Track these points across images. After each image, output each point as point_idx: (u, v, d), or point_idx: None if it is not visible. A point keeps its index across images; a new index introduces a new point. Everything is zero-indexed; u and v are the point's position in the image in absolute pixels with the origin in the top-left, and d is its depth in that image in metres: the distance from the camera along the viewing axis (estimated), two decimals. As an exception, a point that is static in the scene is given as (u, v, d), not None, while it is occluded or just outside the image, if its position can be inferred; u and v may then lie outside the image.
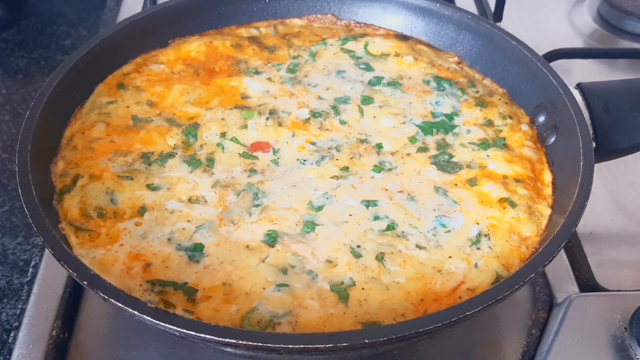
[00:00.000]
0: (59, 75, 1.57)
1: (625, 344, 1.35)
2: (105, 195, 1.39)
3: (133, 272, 1.26)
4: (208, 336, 1.06)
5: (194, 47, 1.77)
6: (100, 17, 2.14)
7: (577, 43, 2.18)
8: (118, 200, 1.39)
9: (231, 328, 1.12)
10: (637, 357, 1.35)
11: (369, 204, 1.40)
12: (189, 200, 1.40)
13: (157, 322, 1.09)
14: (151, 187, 1.41)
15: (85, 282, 1.15)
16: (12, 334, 1.33)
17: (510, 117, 1.61)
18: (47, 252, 1.50)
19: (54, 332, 1.32)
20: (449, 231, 1.36)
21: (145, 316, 1.10)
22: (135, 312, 1.10)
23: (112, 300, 1.12)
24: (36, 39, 2.01)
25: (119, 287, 1.21)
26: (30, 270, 1.47)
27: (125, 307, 1.11)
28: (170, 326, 1.08)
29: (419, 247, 1.33)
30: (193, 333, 1.06)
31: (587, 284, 1.58)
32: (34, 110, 1.46)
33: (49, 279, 1.44)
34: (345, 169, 1.47)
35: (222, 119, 1.57)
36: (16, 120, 1.81)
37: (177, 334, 1.09)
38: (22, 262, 1.52)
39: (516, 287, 1.16)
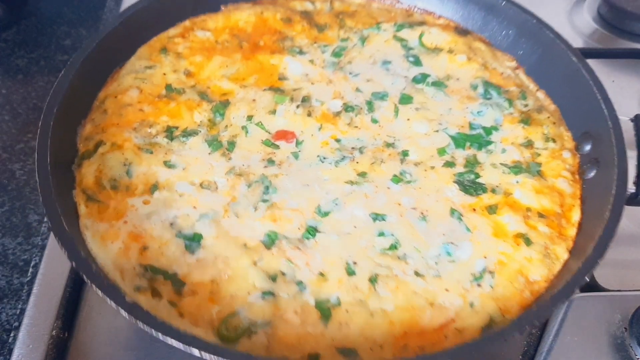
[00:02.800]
0: (108, 29, 1.58)
1: (625, 344, 1.32)
2: (122, 167, 1.41)
3: (130, 253, 1.29)
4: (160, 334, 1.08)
5: (244, 15, 1.73)
6: (101, 17, 2.12)
7: (577, 43, 2.08)
8: (133, 173, 1.40)
9: (188, 336, 1.11)
10: (637, 357, 1.31)
11: (377, 217, 1.36)
12: (201, 184, 1.40)
13: (132, 317, 1.12)
14: (168, 164, 1.42)
15: (73, 263, 1.18)
16: (12, 334, 1.33)
17: (554, 141, 1.50)
18: (47, 252, 1.48)
19: (54, 332, 1.32)
20: (453, 261, 1.31)
21: (122, 310, 1.12)
22: (113, 304, 1.13)
23: (95, 288, 1.15)
24: (36, 39, 2.00)
25: (110, 269, 1.25)
26: (30, 270, 1.47)
27: (105, 296, 1.14)
28: (142, 324, 1.11)
29: (417, 274, 1.28)
30: (156, 334, 1.09)
31: (587, 284, 1.49)
32: (73, 64, 1.49)
33: (49, 279, 1.43)
34: (363, 174, 1.43)
35: (254, 100, 1.55)
36: (16, 120, 1.80)
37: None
38: (22, 262, 1.52)
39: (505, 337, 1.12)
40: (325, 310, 1.22)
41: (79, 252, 1.20)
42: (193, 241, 1.31)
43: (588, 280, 1.19)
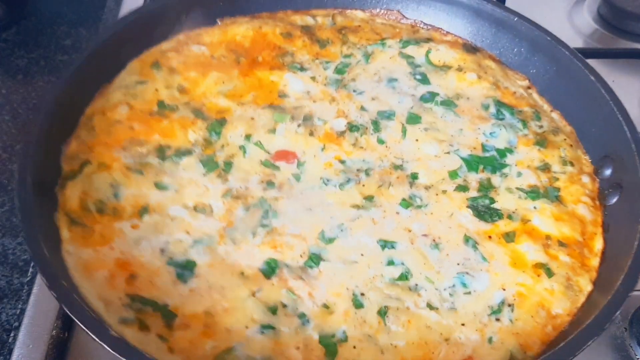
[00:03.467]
0: (97, 43, 1.49)
1: (625, 344, 1.29)
2: (110, 188, 1.30)
3: (116, 282, 1.18)
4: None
5: (241, 30, 1.64)
6: (101, 17, 2.09)
7: (577, 43, 2.04)
8: (122, 195, 1.30)
9: None
10: (637, 357, 1.28)
11: (385, 244, 1.26)
12: (195, 207, 1.29)
13: (117, 353, 1.00)
14: (159, 186, 1.32)
15: (54, 293, 1.07)
16: (12, 334, 1.31)
17: (572, 164, 1.41)
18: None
19: (54, 332, 1.27)
20: (469, 293, 1.21)
21: (106, 345, 1.01)
22: (96, 339, 1.02)
23: (77, 321, 1.04)
24: (36, 39, 1.99)
25: (93, 299, 1.14)
26: (30, 270, 1.44)
27: (88, 331, 1.03)
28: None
29: (430, 306, 1.18)
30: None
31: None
32: (59, 80, 1.39)
33: (48, 279, 1.35)
34: (370, 198, 1.33)
35: (252, 118, 1.45)
36: (16, 120, 1.78)
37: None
38: (22, 262, 1.48)
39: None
40: (330, 346, 1.12)
41: (60, 282, 1.08)
42: (186, 269, 1.20)
43: (619, 316, 1.09)
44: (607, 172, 1.38)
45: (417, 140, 1.44)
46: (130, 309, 1.14)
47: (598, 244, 1.30)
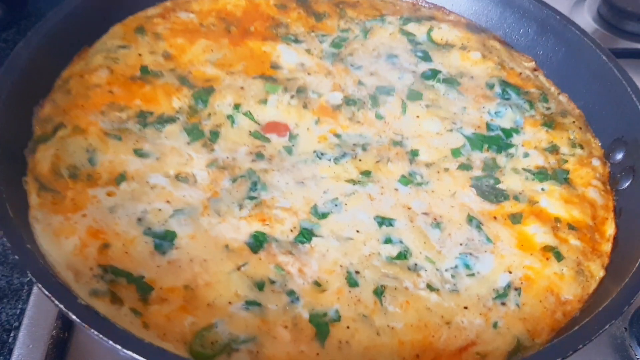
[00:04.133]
0: (76, 1, 1.38)
1: (625, 344, 1.25)
2: (85, 153, 1.20)
3: (87, 251, 1.07)
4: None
5: (233, -2, 1.54)
6: None
7: None
8: (97, 161, 1.19)
9: (155, 348, 0.88)
10: (637, 357, 1.23)
11: (383, 221, 1.16)
12: (177, 176, 1.19)
13: (84, 323, 0.89)
14: (139, 153, 1.21)
15: (16, 256, 0.96)
16: (12, 334, 1.27)
17: (581, 147, 1.33)
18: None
19: (54, 332, 1.21)
20: (473, 274, 1.11)
21: (72, 314, 0.90)
22: (61, 306, 0.91)
23: (39, 286, 0.92)
24: None
25: (62, 268, 1.03)
26: None
27: (51, 297, 0.92)
28: (96, 333, 0.88)
29: (430, 287, 1.08)
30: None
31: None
32: (34, 36, 1.29)
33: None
34: (367, 173, 1.23)
35: (242, 87, 1.35)
36: None
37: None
38: None
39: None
40: (321, 326, 1.01)
41: (25, 246, 0.97)
42: (165, 240, 1.10)
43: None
44: (619, 155, 1.30)
45: (417, 116, 1.35)
46: (102, 280, 1.03)
47: (610, 229, 1.21)
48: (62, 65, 1.36)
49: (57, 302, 0.91)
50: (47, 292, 0.92)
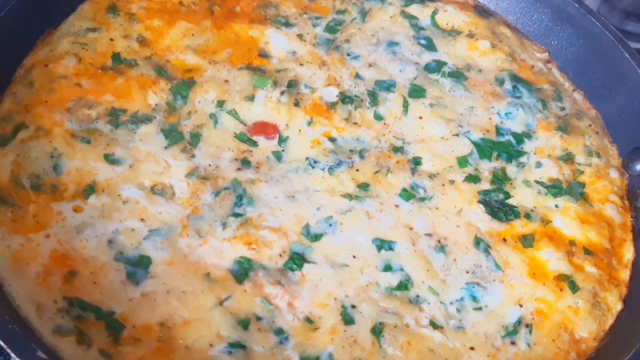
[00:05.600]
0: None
1: None
2: (49, 160, 1.06)
3: (51, 280, 0.95)
4: None
5: (216, -27, 1.38)
6: None
7: None
8: (63, 169, 1.06)
9: None
10: None
11: (382, 244, 1.05)
12: (152, 188, 1.07)
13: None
14: (110, 159, 1.08)
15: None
16: None
17: (598, 155, 1.21)
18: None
19: None
20: (480, 308, 1.01)
21: None
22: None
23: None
24: None
25: (22, 301, 0.91)
26: None
27: (5, 346, 0.80)
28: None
29: (433, 324, 0.98)
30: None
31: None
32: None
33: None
34: (364, 186, 1.11)
35: (226, 80, 1.21)
36: None
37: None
38: None
39: None
40: (313, 373, 0.91)
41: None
42: (138, 267, 0.98)
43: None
44: (639, 166, 1.18)
45: (420, 117, 1.22)
46: (68, 315, 0.92)
47: (628, 253, 1.12)
48: (24, 51, 1.21)
49: (13, 355, 0.80)
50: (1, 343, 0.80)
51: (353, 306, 0.98)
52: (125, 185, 1.06)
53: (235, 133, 1.16)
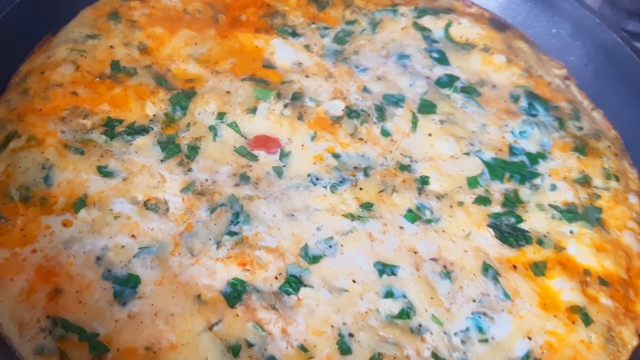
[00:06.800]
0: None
1: None
2: (40, 170, 1.03)
3: (35, 298, 0.91)
4: None
5: (223, -20, 1.34)
6: None
7: None
8: (54, 180, 1.02)
9: None
10: None
11: (384, 269, 0.99)
12: (146, 203, 1.02)
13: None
14: (103, 171, 1.04)
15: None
16: None
17: (617, 179, 1.15)
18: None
19: None
20: (486, 340, 0.95)
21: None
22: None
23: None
24: None
25: (4, 319, 0.88)
26: None
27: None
28: None
29: (436, 356, 0.92)
30: None
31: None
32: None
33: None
34: (368, 206, 1.06)
35: (228, 92, 1.17)
36: None
37: None
38: None
39: None
40: (305, 407, 0.86)
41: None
42: (126, 286, 0.93)
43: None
44: (660, 192, 1.12)
45: (429, 134, 1.16)
46: (50, 335, 0.88)
47: (646, 284, 1.04)
48: (21, 57, 1.18)
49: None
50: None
51: (351, 334, 0.92)
52: (117, 199, 1.02)
53: (235, 146, 1.11)
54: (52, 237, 0.96)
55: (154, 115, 1.13)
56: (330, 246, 1.01)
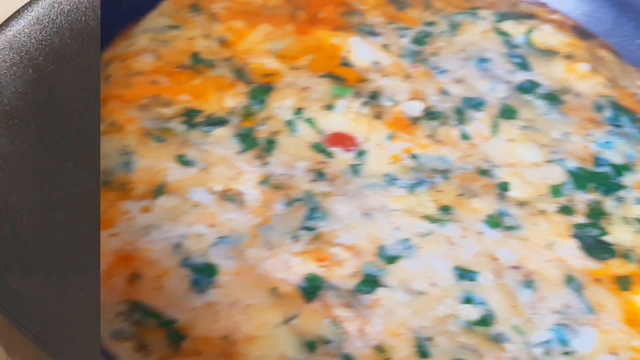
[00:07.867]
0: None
1: None
2: (120, 156, 1.03)
3: (114, 281, 0.91)
4: None
5: (303, -23, 1.34)
6: None
7: None
8: (134, 166, 1.02)
9: None
10: None
11: (464, 274, 0.97)
12: (223, 193, 1.01)
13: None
14: (182, 160, 1.04)
15: None
16: None
17: None
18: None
19: None
20: (568, 353, 0.92)
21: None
22: None
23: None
24: None
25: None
26: None
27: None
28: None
29: (516, 366, 0.89)
30: None
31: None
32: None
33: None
34: (446, 209, 1.03)
35: (305, 88, 1.16)
36: None
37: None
38: None
39: None
40: (382, 409, 0.84)
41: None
42: (204, 275, 0.92)
43: None
44: None
45: (510, 140, 1.14)
46: (129, 319, 0.87)
47: None
48: (104, 44, 1.19)
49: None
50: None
51: (429, 338, 0.90)
52: (195, 188, 1.01)
53: (311, 142, 1.10)
54: (131, 223, 0.96)
55: (232, 107, 1.12)
56: (407, 247, 0.98)
